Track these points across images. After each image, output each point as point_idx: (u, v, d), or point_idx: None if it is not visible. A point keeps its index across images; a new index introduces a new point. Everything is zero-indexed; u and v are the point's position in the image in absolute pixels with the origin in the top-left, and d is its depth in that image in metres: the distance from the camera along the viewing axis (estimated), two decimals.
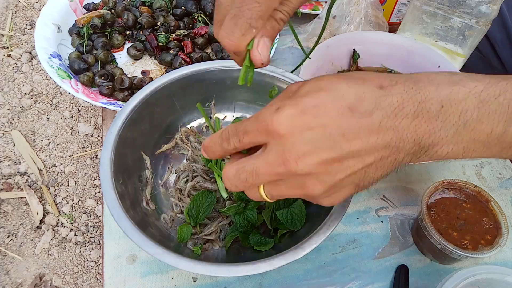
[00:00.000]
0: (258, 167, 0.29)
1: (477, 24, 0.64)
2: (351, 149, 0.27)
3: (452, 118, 0.28)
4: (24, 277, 1.17)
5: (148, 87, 0.53)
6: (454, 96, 0.27)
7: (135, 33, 0.78)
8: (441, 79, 0.28)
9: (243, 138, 0.30)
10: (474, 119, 0.28)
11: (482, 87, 0.28)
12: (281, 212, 0.48)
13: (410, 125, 0.27)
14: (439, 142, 0.28)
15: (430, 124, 0.28)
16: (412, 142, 0.28)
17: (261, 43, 0.31)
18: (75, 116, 1.53)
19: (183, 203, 0.53)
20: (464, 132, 0.28)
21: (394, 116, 0.27)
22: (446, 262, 0.52)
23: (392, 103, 0.27)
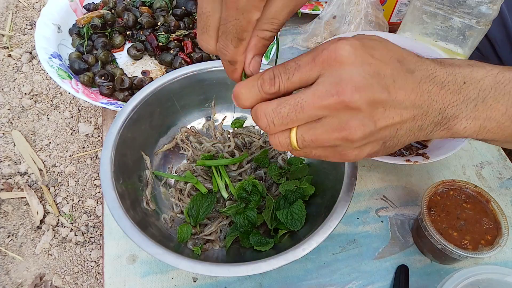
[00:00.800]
0: (305, 99, 0.28)
1: (477, 24, 0.64)
2: (397, 97, 0.29)
3: (472, 93, 0.31)
4: (24, 277, 1.17)
5: (148, 87, 0.53)
6: (474, 74, 0.31)
7: (135, 33, 0.78)
8: (461, 62, 0.32)
9: (293, 75, 0.29)
10: (491, 97, 0.31)
11: (498, 70, 0.31)
12: (281, 212, 0.48)
13: (439, 93, 0.30)
14: (459, 115, 0.31)
15: (454, 96, 0.30)
16: (437, 110, 0.31)
17: (252, 62, 0.33)
18: (75, 116, 1.53)
19: (183, 203, 0.53)
20: (482, 108, 0.31)
21: (429, 80, 0.30)
22: (446, 262, 0.52)
23: (428, 69, 0.30)
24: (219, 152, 0.57)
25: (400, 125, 0.30)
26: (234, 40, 0.31)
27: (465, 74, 0.31)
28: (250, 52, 0.32)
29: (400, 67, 0.29)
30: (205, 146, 0.58)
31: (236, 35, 0.30)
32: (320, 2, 0.87)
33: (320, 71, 0.28)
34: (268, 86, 0.30)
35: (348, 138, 0.29)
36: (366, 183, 0.61)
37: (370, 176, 0.62)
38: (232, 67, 0.34)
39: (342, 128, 0.29)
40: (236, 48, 0.31)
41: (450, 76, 0.30)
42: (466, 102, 0.31)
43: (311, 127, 0.30)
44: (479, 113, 0.31)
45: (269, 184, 0.56)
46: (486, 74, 0.31)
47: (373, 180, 0.61)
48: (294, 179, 0.53)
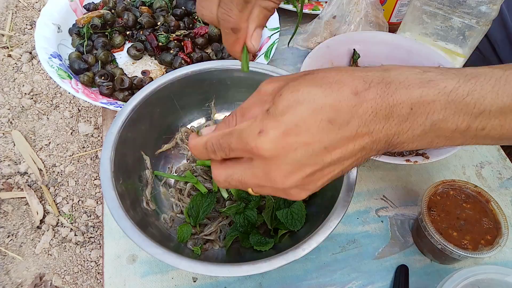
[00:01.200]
0: (246, 178, 0.31)
1: (477, 24, 0.64)
2: (332, 158, 0.29)
3: (420, 119, 0.29)
4: (24, 277, 1.17)
5: (148, 87, 0.53)
6: (423, 98, 0.29)
7: (135, 33, 0.78)
8: (412, 79, 0.29)
9: (229, 153, 0.31)
10: (440, 119, 0.29)
11: (451, 87, 0.29)
12: (281, 212, 0.48)
13: (383, 128, 0.29)
14: (407, 141, 0.30)
15: (399, 126, 0.29)
16: (383, 143, 0.30)
17: (254, 34, 0.33)
18: (75, 116, 1.53)
19: (183, 203, 0.53)
20: (430, 131, 0.30)
21: (368, 123, 0.29)
22: (446, 262, 0.52)
23: (367, 110, 0.28)
24: None
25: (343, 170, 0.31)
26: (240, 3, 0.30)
27: (414, 99, 0.29)
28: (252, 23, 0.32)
29: (331, 129, 0.28)
30: None
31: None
32: (320, 2, 0.87)
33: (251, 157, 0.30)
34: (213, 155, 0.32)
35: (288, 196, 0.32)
36: (366, 183, 0.61)
37: (370, 176, 0.62)
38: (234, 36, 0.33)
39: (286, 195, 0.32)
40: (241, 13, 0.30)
41: (396, 106, 0.29)
42: (412, 128, 0.29)
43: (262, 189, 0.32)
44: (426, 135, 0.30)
45: None
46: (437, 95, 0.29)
47: (373, 180, 0.61)
48: None
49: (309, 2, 0.87)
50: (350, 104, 0.28)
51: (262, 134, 0.28)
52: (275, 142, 0.28)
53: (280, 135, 0.28)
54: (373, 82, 0.29)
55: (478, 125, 0.29)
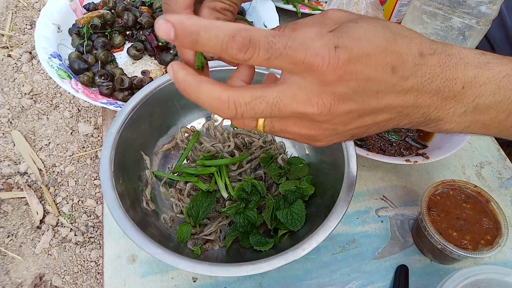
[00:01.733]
0: (284, 101, 0.26)
1: (477, 24, 0.64)
2: (376, 107, 0.28)
3: (466, 100, 0.29)
4: (24, 277, 1.17)
5: (148, 87, 0.53)
6: (477, 79, 0.29)
7: (135, 33, 0.78)
8: (472, 58, 0.29)
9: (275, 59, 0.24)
10: (485, 104, 0.29)
11: (505, 73, 0.29)
12: (281, 212, 0.48)
13: (428, 99, 0.29)
14: (445, 118, 0.30)
15: (444, 102, 0.29)
16: (421, 114, 0.29)
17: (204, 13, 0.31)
18: (75, 116, 1.53)
19: (183, 203, 0.53)
20: (471, 114, 0.30)
21: (421, 88, 0.28)
22: (446, 262, 0.52)
23: (425, 75, 0.28)
24: (219, 152, 0.57)
25: (372, 126, 0.30)
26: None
27: (467, 78, 0.29)
28: None
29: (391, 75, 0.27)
30: (205, 146, 0.58)
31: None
32: (320, 2, 0.87)
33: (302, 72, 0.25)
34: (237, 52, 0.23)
35: (315, 136, 0.30)
36: (366, 183, 0.61)
37: (370, 176, 0.62)
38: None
39: (312, 128, 0.29)
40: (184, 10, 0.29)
41: (450, 80, 0.28)
42: (455, 107, 0.29)
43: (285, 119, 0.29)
44: (466, 118, 0.30)
45: (269, 184, 0.56)
46: (490, 78, 0.29)
47: (373, 180, 0.61)
48: (294, 179, 0.53)
49: (309, 2, 0.87)
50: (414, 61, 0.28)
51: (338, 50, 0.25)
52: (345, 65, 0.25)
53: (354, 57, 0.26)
54: (438, 49, 0.29)
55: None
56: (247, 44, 0.23)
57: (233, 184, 0.54)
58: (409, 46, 0.28)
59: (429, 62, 0.28)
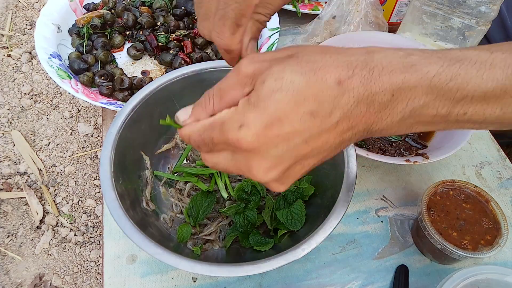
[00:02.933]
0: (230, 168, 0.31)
1: (477, 24, 0.64)
2: (313, 151, 0.29)
3: (400, 106, 0.29)
4: (24, 277, 1.17)
5: (148, 87, 0.53)
6: (405, 84, 0.28)
7: (135, 33, 0.78)
8: (396, 63, 0.29)
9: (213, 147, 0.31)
10: (421, 105, 0.29)
11: (434, 72, 0.28)
12: (281, 212, 0.48)
13: (363, 118, 0.29)
14: (385, 128, 0.30)
15: (379, 114, 0.29)
16: (362, 131, 0.30)
17: (249, 46, 0.35)
18: (75, 116, 1.53)
19: (183, 203, 0.53)
20: (409, 117, 0.29)
21: (350, 113, 0.28)
22: (446, 262, 0.52)
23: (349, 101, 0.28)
24: None
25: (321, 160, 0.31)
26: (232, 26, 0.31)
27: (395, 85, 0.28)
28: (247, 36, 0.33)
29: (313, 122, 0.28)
30: None
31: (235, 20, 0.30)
32: (320, 2, 0.87)
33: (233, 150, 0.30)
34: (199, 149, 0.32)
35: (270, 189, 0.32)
36: (366, 183, 0.61)
37: (370, 176, 0.62)
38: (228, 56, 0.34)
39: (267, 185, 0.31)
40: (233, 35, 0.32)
41: (377, 94, 0.28)
42: (392, 115, 0.29)
43: None
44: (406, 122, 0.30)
45: None
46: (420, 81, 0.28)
47: (372, 180, 0.61)
48: None
49: (309, 2, 0.87)
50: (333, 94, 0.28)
51: (244, 128, 0.28)
52: (256, 136, 0.28)
53: (262, 128, 0.28)
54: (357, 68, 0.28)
55: (460, 111, 0.29)
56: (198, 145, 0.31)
57: (233, 184, 0.54)
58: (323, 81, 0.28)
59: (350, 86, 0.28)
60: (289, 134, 0.28)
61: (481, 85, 0.28)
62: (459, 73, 0.28)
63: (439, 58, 0.29)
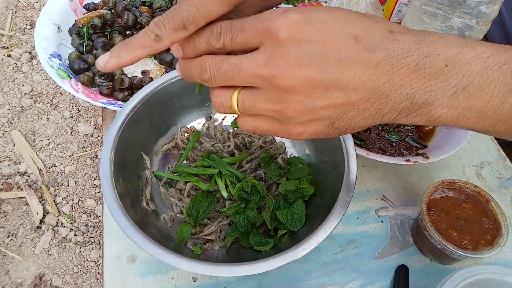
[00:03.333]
0: (244, 63, 0.27)
1: (477, 24, 0.64)
2: (341, 78, 0.26)
3: (453, 79, 0.27)
4: (24, 277, 1.17)
5: (148, 87, 0.53)
6: (460, 57, 0.27)
7: (135, 33, 0.78)
8: (451, 39, 0.28)
9: (236, 36, 0.27)
10: (475, 85, 0.27)
11: (489, 53, 0.27)
12: (281, 212, 0.48)
13: (408, 77, 0.26)
14: (434, 102, 0.27)
15: (428, 81, 0.27)
16: (404, 96, 0.27)
17: None
18: (75, 116, 1.53)
19: (183, 203, 0.53)
20: (462, 97, 0.27)
21: (395, 62, 0.26)
22: (446, 262, 0.52)
23: (398, 48, 0.26)
24: (219, 152, 0.57)
25: (347, 106, 0.27)
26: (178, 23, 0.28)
27: (449, 55, 0.27)
28: None
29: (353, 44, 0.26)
30: (205, 146, 0.58)
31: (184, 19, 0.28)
32: (320, 2, 0.88)
33: (261, 40, 0.27)
34: (214, 40, 0.28)
35: (283, 112, 0.28)
36: (366, 183, 0.61)
37: (370, 176, 0.62)
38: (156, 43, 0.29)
39: (278, 101, 0.28)
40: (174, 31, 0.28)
41: (430, 57, 0.26)
42: (443, 88, 0.27)
43: (252, 92, 0.29)
44: (458, 102, 0.27)
45: (269, 184, 0.56)
46: (474, 57, 0.27)
47: (373, 180, 0.61)
48: (294, 179, 0.53)
49: (309, 2, 0.87)
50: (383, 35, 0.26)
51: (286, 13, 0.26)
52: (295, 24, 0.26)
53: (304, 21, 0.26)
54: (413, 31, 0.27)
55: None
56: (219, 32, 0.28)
57: (233, 184, 0.54)
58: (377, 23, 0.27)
59: (402, 38, 0.26)
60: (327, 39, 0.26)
61: None
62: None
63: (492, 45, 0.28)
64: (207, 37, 0.28)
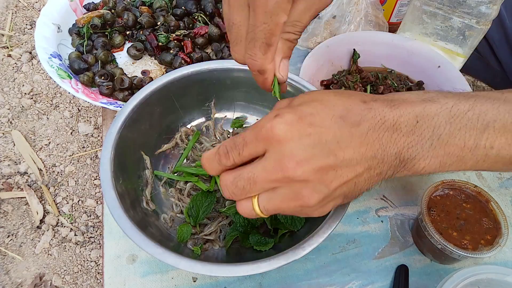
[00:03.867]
0: (256, 174, 0.30)
1: (477, 24, 0.64)
2: (345, 157, 0.29)
3: (426, 132, 0.30)
4: (24, 277, 1.17)
5: (148, 87, 0.53)
6: (427, 111, 0.30)
7: (135, 33, 0.78)
8: (414, 98, 0.31)
9: (242, 150, 0.30)
10: (447, 133, 0.30)
11: (452, 103, 0.30)
12: None
13: (391, 138, 0.29)
14: (417, 156, 0.30)
15: (407, 138, 0.30)
16: (394, 155, 0.30)
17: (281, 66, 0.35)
18: (75, 116, 1.53)
19: (183, 203, 0.53)
20: (439, 146, 0.30)
21: (378, 128, 0.29)
22: (446, 262, 0.52)
23: (375, 116, 0.29)
24: None
25: (356, 179, 0.30)
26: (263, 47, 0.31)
27: (417, 112, 0.30)
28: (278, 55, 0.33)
29: (343, 125, 0.29)
30: (205, 146, 0.58)
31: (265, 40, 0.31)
32: None
33: (264, 147, 0.29)
34: (225, 160, 0.31)
35: (304, 205, 0.30)
36: None
37: None
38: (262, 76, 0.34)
39: (297, 197, 0.30)
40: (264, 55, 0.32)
41: (401, 117, 0.29)
42: (421, 142, 0.30)
43: (270, 196, 0.30)
44: (436, 151, 0.30)
45: None
46: (439, 110, 0.30)
47: None
48: None
49: None
50: (360, 108, 0.29)
51: (278, 117, 0.29)
52: (290, 124, 0.28)
53: (296, 119, 0.28)
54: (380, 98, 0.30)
55: (486, 143, 0.30)
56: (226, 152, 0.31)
57: None
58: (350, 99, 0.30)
59: (375, 106, 0.30)
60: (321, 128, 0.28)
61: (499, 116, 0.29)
62: (475, 105, 0.30)
63: (453, 94, 0.31)
64: (217, 159, 0.32)
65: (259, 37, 0.31)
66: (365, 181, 0.31)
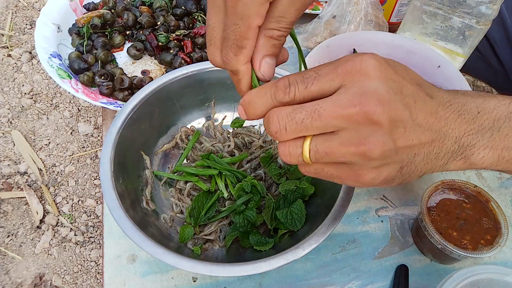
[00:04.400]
0: (324, 107, 0.27)
1: (477, 24, 0.64)
2: (417, 119, 0.28)
3: (487, 123, 0.31)
4: (24, 277, 1.17)
5: (148, 87, 0.53)
6: (487, 104, 0.31)
7: (135, 33, 0.78)
8: (473, 92, 0.32)
9: (311, 84, 0.27)
10: (507, 127, 0.31)
11: (509, 101, 0.31)
12: (281, 212, 0.48)
13: (456, 121, 0.30)
14: (476, 144, 0.31)
15: (469, 126, 0.31)
16: (453, 138, 0.30)
17: (263, 64, 0.31)
18: (75, 116, 1.53)
19: (183, 203, 0.53)
20: (498, 138, 0.31)
21: (446, 108, 0.30)
22: (446, 262, 0.52)
23: (444, 97, 0.30)
24: (219, 152, 0.57)
25: (418, 148, 0.29)
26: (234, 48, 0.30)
27: (478, 103, 0.31)
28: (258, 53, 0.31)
29: (420, 89, 0.29)
30: (205, 146, 0.58)
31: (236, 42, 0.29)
32: (320, 2, 0.87)
33: (342, 81, 0.27)
34: (282, 94, 0.28)
35: (366, 154, 0.27)
36: None
37: None
38: (235, 77, 0.32)
39: (361, 142, 0.27)
40: (236, 57, 0.30)
41: (465, 105, 0.31)
42: (481, 131, 0.31)
43: (326, 138, 0.28)
44: (496, 143, 0.31)
45: (269, 184, 0.56)
46: (498, 104, 0.31)
47: None
48: (294, 179, 0.53)
49: None
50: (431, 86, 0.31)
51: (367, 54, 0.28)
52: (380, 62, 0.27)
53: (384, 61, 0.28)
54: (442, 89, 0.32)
55: None
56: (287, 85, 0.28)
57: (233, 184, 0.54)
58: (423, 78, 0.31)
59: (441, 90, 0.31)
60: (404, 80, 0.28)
61: None
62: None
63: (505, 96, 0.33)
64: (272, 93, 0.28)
65: (230, 38, 0.29)
66: (423, 157, 0.30)
